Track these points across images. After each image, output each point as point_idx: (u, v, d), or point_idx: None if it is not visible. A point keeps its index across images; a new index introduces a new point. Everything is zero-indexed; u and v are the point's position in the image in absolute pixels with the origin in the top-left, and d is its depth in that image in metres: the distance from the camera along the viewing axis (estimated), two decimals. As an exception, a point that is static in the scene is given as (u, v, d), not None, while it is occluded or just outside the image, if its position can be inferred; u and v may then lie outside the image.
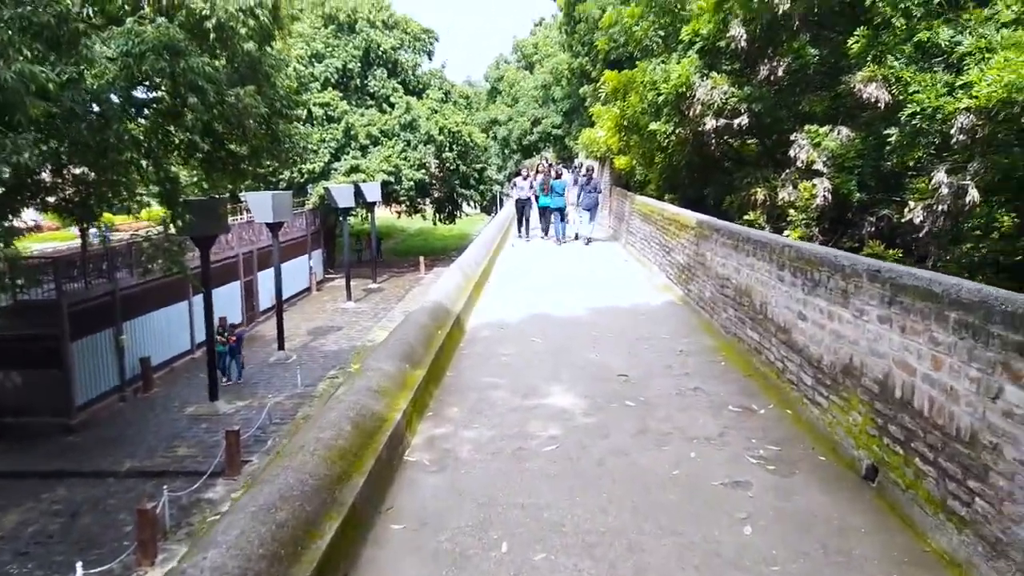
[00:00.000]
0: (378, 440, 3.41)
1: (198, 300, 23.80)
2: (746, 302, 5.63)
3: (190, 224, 17.13)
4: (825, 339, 3.96)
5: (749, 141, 13.46)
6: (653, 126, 12.16)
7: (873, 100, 8.82)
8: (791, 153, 10.69)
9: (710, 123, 11.14)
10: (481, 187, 40.48)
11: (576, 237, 15.55)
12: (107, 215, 21.65)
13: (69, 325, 17.52)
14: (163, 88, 11.57)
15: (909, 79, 8.32)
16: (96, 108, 11.18)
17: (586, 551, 2.81)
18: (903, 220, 8.72)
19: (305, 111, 33.32)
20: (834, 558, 2.71)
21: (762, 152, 13.30)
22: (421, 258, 39.27)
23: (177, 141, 17.17)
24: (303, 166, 33.65)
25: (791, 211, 10.67)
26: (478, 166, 39.57)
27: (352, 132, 34.35)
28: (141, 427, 17.67)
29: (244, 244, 27.85)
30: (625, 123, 13.81)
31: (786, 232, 10.69)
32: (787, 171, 11.22)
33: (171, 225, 16.13)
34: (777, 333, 4.80)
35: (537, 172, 16.23)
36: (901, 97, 8.51)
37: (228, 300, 26.25)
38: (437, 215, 41.90)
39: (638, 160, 15.62)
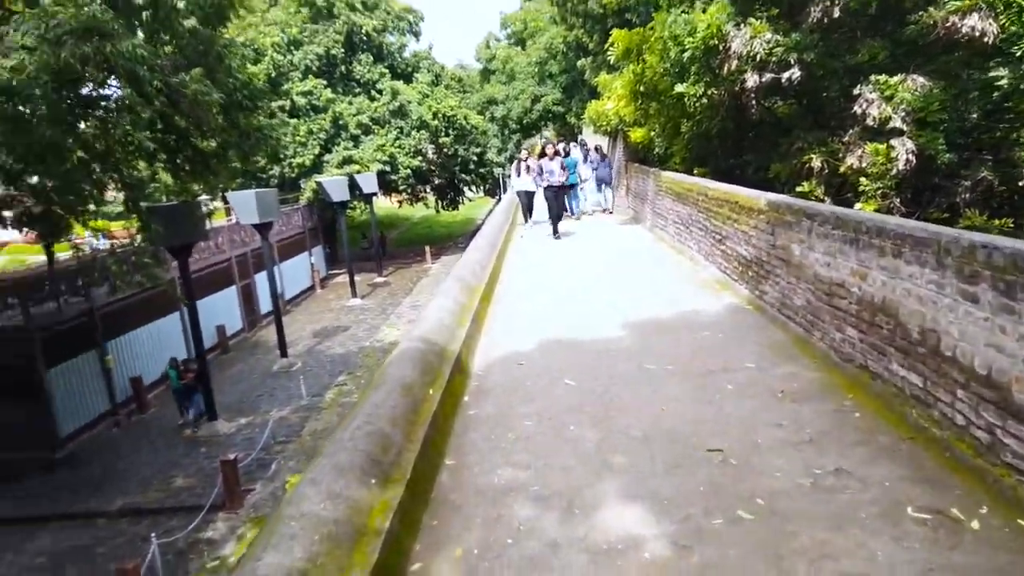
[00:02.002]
0: None
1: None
2: (887, 324, 3.87)
3: (159, 232, 15.51)
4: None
5: (791, 101, 11.60)
6: (679, 88, 10.33)
7: (977, 34, 6.95)
8: (856, 110, 8.89)
9: (751, 80, 9.32)
10: (482, 170, 38.54)
11: (593, 212, 16.40)
12: (102, 222, 19.95)
13: (43, 350, 15.93)
14: (96, 79, 9.82)
15: (1027, 1, 6.46)
16: (23, 108, 9.58)
17: None
18: (1021, 184, 6.90)
19: (288, 101, 31.59)
20: None
21: (805, 113, 11.43)
22: (427, 248, 37.55)
23: (138, 141, 15.48)
24: (293, 160, 31.93)
25: (862, 180, 8.85)
26: (477, 149, 37.62)
27: (341, 122, 32.48)
28: (134, 456, 16.12)
29: (236, 246, 26.16)
30: (641, 88, 11.95)
31: (857, 205, 8.89)
32: (850, 132, 9.41)
33: (139, 235, 14.48)
34: (971, 383, 3.05)
35: (544, 155, 13.40)
36: (1014, 28, 6.65)
37: (225, 307, 24.68)
38: (439, 202, 40.04)
39: (658, 131, 13.77)
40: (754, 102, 9.96)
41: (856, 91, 8.87)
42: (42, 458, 15.75)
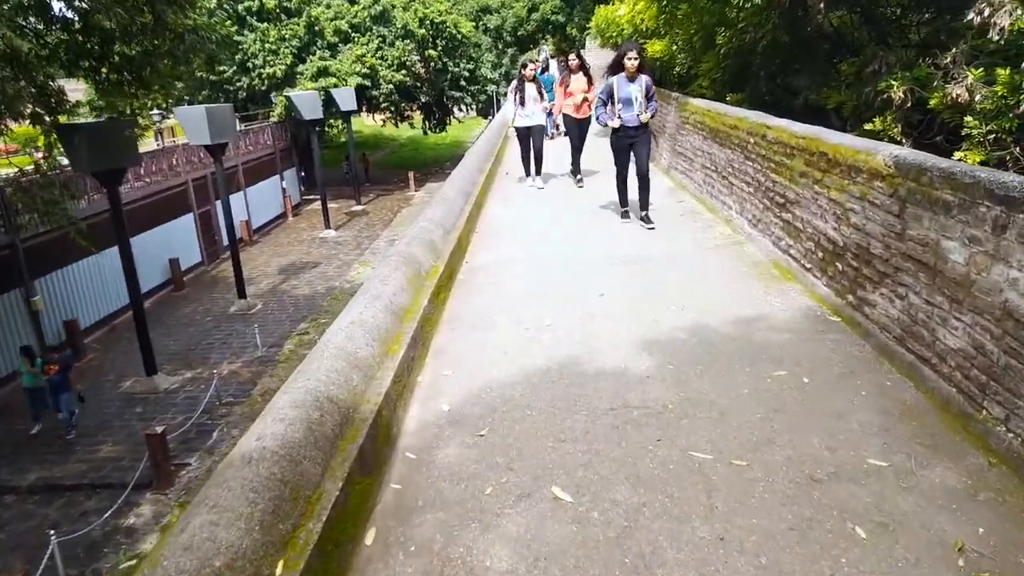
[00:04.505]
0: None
1: (142, 240, 19.82)
2: None
3: (81, 156, 12.98)
4: None
5: (853, 9, 9.02)
6: (723, -15, 7.73)
7: None
8: (972, 17, 6.40)
9: (829, -29, 6.73)
10: (473, 88, 35.24)
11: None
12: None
13: (-52, 293, 13.65)
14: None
15: None
16: None
17: None
18: None
19: (257, 2, 28.16)
20: None
21: (864, 25, 8.89)
22: (410, 174, 34.74)
23: (55, 45, 12.75)
24: (263, 70, 28.74)
25: (967, 119, 6.45)
26: (469, 64, 34.22)
27: (317, 27, 29.06)
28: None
29: (195, 168, 23.44)
30: (669, -14, 9.28)
31: (957, 154, 6.53)
32: (953, 51, 6.96)
33: (49, 159, 11.97)
34: None
35: (619, 67, 6.96)
36: None
37: (181, 237, 22.23)
38: (425, 122, 36.89)
39: (681, 44, 11.13)
40: (822, 5, 7.38)
41: (977, -10, 6.35)
42: (-45, 414, 13.74)
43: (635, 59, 6.67)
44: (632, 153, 6.98)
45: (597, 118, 6.90)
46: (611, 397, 3.48)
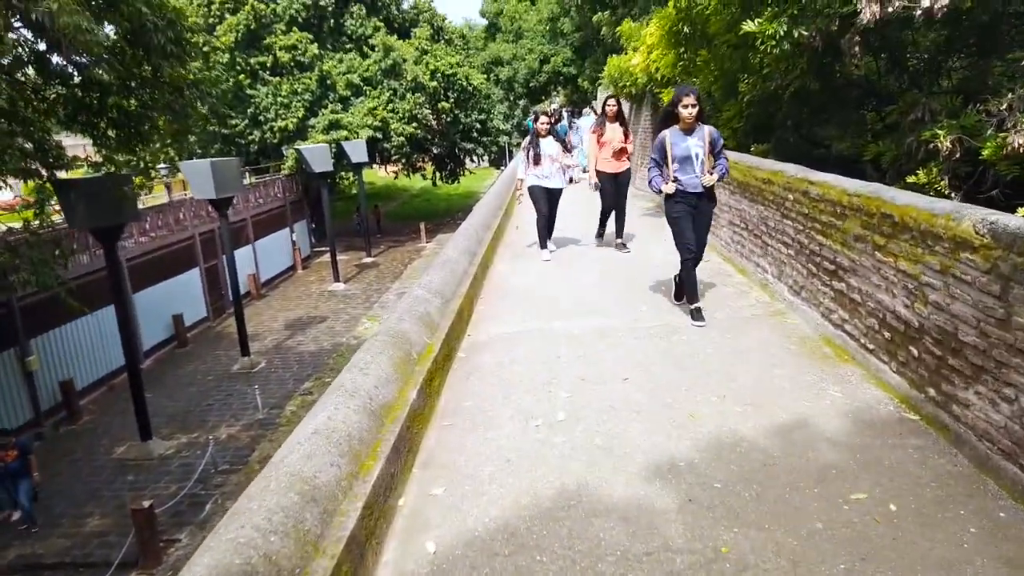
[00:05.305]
0: None
1: (146, 295, 19.42)
2: None
3: (77, 213, 12.56)
4: None
5: (879, 55, 8.41)
6: (747, 27, 7.13)
7: None
8: (1032, 58, 5.78)
9: (868, 11, 6.11)
10: (485, 139, 35.10)
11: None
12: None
13: (-62, 355, 13.11)
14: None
15: None
16: None
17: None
18: None
19: (271, 57, 28.35)
20: None
21: (891, 71, 8.27)
22: (422, 224, 34.40)
23: (53, 99, 12.49)
24: (274, 123, 28.75)
25: (1031, 170, 5.75)
26: (480, 116, 34.15)
27: (329, 81, 29.13)
28: (50, 482, 13.28)
29: (203, 222, 23.13)
30: (686, 30, 8.75)
31: (1021, 211, 5.81)
32: (1010, 96, 6.30)
33: (39, 214, 11.52)
34: None
35: (670, 117, 5.52)
36: None
37: (185, 293, 21.78)
38: (437, 174, 36.71)
39: (700, 94, 10.58)
40: (857, 50, 6.77)
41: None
42: (-60, 481, 13.02)
43: (693, 106, 5.34)
44: (700, 222, 5.53)
45: (650, 182, 5.60)
46: (646, 534, 2.71)
